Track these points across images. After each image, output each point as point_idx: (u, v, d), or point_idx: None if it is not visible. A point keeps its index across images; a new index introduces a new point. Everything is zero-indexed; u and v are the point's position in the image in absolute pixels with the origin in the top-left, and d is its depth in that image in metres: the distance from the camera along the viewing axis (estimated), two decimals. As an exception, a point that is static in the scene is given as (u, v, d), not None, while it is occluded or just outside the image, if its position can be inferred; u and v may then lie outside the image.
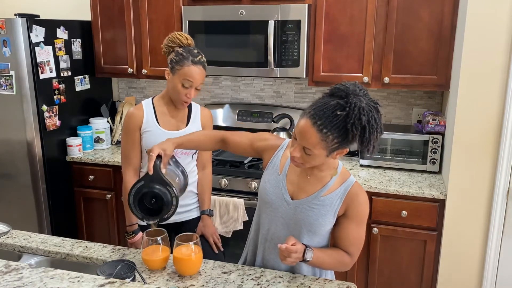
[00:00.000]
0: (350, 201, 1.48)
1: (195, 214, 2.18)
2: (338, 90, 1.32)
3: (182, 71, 1.93)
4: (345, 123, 1.28)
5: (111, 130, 3.33)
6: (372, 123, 1.29)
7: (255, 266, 1.64)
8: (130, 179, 2.05)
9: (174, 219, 2.11)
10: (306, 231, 1.50)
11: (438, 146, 2.62)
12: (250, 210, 2.64)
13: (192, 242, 1.53)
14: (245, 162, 2.78)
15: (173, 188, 1.51)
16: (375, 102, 1.33)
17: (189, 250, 1.52)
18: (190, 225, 2.15)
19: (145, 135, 2.02)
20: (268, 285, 1.48)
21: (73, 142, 3.07)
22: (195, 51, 1.97)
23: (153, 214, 1.52)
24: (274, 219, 1.56)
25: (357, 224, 1.49)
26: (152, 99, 2.09)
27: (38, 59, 2.82)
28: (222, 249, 2.21)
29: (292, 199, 1.52)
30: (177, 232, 2.00)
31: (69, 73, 3.08)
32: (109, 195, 3.06)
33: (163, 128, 2.03)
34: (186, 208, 2.14)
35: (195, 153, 2.10)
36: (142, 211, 1.52)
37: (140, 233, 2.03)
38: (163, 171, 1.55)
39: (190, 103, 2.13)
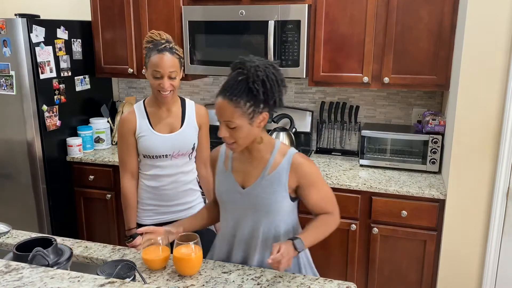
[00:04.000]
0: (297, 172, 1.54)
1: (195, 211, 2.17)
2: (236, 63, 1.49)
3: (150, 63, 1.91)
4: (247, 84, 1.42)
5: (111, 130, 3.33)
6: (270, 77, 1.43)
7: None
8: (127, 184, 2.06)
9: (175, 217, 2.12)
10: (265, 213, 1.55)
11: (438, 146, 2.62)
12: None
13: (192, 242, 1.53)
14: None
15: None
16: (271, 62, 1.48)
17: (189, 250, 1.53)
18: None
19: (140, 140, 2.01)
20: (268, 285, 1.48)
21: (73, 142, 3.07)
22: (163, 41, 1.93)
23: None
24: (236, 214, 1.60)
25: (315, 187, 1.57)
26: (144, 101, 2.06)
27: (38, 59, 2.82)
28: None
29: (244, 188, 1.58)
30: None
31: (69, 73, 3.08)
32: (109, 195, 3.06)
33: (157, 131, 2.01)
34: (186, 206, 2.14)
35: (191, 153, 2.09)
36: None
37: (139, 237, 2.04)
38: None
39: (184, 101, 2.10)
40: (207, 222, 1.78)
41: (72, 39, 3.09)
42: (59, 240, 1.78)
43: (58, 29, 2.97)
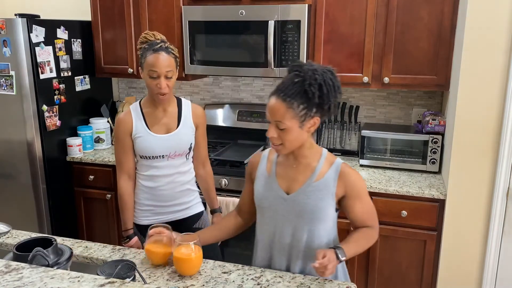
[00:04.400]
0: (345, 181, 1.53)
1: (193, 211, 2.16)
2: (293, 66, 1.47)
3: (146, 63, 1.89)
4: (303, 86, 1.40)
5: (111, 130, 3.33)
6: (327, 81, 1.41)
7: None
8: (124, 184, 2.05)
9: (172, 217, 2.11)
10: (309, 220, 1.53)
11: (438, 146, 2.62)
12: (250, 210, 2.64)
13: (192, 242, 1.53)
14: (245, 162, 2.79)
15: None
16: (329, 67, 1.46)
17: (189, 250, 1.52)
18: (188, 223, 2.14)
19: (136, 141, 1.99)
20: (268, 285, 1.48)
21: (73, 142, 3.07)
22: (158, 41, 1.92)
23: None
24: (276, 220, 1.57)
25: (360, 200, 1.55)
26: (140, 102, 2.05)
27: (38, 59, 2.82)
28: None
29: (287, 194, 1.55)
30: (176, 230, 2.00)
31: (69, 73, 3.08)
32: (109, 195, 3.06)
33: (154, 132, 1.99)
34: (184, 206, 2.12)
35: (188, 153, 2.08)
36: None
37: (135, 238, 2.04)
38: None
39: (180, 100, 2.08)
40: (225, 235, 1.75)
41: (72, 39, 3.09)
42: (59, 240, 1.78)
43: (58, 29, 2.97)
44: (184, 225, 2.11)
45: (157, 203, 2.07)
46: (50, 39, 2.91)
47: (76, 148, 3.08)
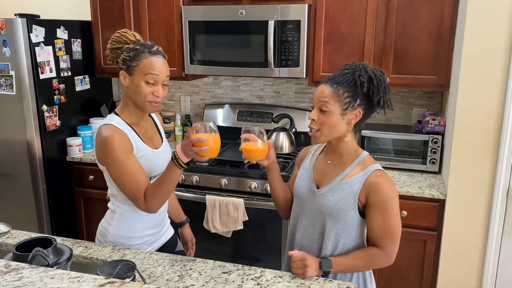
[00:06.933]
0: (370, 188, 1.49)
1: (171, 231, 1.96)
2: (344, 65, 1.55)
3: (142, 66, 1.61)
4: (353, 76, 1.47)
5: (111, 130, 3.33)
6: (378, 76, 1.46)
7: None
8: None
9: (162, 241, 1.89)
10: (328, 217, 1.55)
11: (438, 146, 2.62)
12: (250, 210, 2.64)
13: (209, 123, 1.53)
14: (245, 162, 2.78)
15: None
16: (379, 69, 1.52)
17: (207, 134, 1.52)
18: (171, 246, 1.93)
19: (140, 161, 1.67)
20: (268, 285, 1.48)
21: (73, 142, 3.07)
22: (149, 42, 1.68)
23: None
24: (303, 212, 1.63)
25: (381, 213, 1.49)
26: (117, 115, 1.70)
27: (38, 59, 2.82)
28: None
29: (318, 188, 1.59)
30: (162, 251, 1.83)
31: (69, 73, 3.08)
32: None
33: (151, 147, 1.73)
34: (167, 225, 1.93)
35: None
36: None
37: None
38: None
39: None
40: (287, 193, 1.75)
41: (72, 39, 3.09)
42: (59, 240, 1.78)
43: (58, 29, 2.97)
44: (166, 249, 1.89)
45: (155, 230, 1.83)
46: (50, 39, 2.91)
47: (76, 148, 3.08)
